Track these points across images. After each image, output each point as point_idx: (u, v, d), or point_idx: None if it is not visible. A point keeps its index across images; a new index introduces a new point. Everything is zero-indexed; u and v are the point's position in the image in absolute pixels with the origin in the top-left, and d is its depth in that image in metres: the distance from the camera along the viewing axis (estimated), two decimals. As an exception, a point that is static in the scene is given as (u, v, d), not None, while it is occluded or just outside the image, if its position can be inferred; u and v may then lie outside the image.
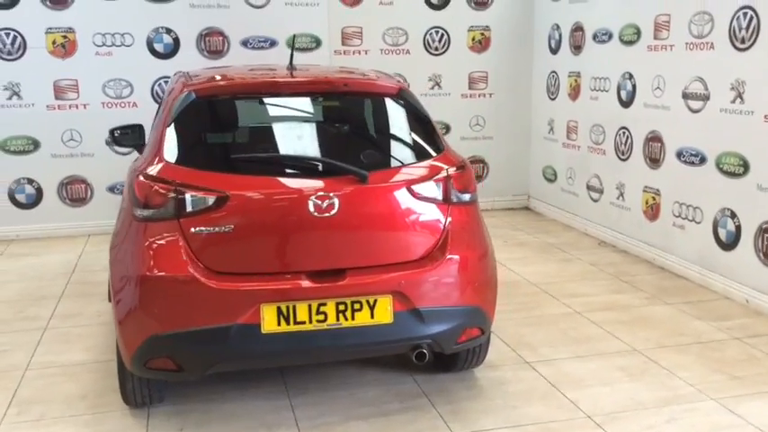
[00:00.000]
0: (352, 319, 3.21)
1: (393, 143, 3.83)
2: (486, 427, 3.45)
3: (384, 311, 3.24)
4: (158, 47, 6.88)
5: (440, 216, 3.41)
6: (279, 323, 3.14)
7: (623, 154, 6.30)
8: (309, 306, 3.17)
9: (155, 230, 3.17)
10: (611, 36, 6.38)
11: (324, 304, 3.18)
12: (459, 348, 3.55)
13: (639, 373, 3.97)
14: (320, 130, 3.78)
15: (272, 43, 7.10)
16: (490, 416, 3.55)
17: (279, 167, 3.39)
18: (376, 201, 3.33)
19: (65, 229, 6.92)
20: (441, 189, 3.43)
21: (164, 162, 3.31)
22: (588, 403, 3.65)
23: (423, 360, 3.38)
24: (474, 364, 3.90)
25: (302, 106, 3.76)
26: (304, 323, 3.17)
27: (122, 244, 3.30)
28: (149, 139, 3.68)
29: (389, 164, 3.58)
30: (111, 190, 6.97)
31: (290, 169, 3.39)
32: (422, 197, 3.38)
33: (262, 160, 3.43)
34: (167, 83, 4.96)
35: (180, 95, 3.53)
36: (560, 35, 7.22)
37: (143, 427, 3.45)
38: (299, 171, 3.38)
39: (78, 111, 6.79)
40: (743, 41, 4.88)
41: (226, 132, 3.69)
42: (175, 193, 3.15)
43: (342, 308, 3.20)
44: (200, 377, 3.33)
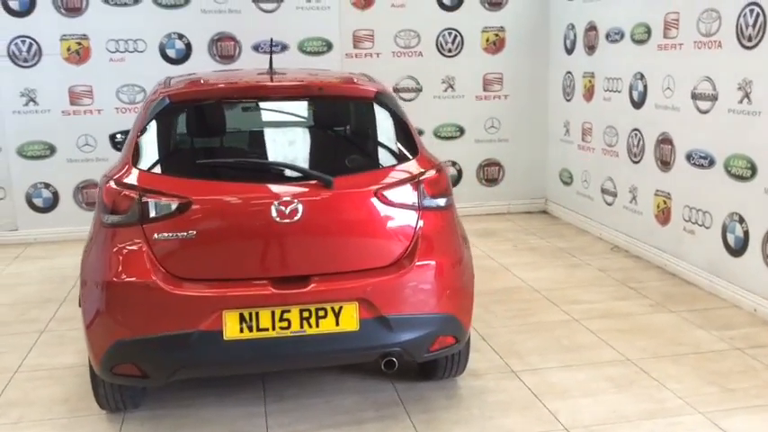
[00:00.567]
0: (317, 326, 3.16)
1: (365, 148, 3.77)
2: (458, 438, 3.38)
3: (349, 319, 3.18)
4: (171, 52, 6.95)
5: (409, 222, 3.33)
6: (241, 330, 3.11)
7: (636, 156, 6.13)
8: (273, 313, 3.13)
9: (120, 236, 3.17)
10: (622, 35, 6.21)
11: (287, 311, 3.14)
12: (431, 357, 3.47)
13: (627, 384, 3.84)
14: (293, 134, 3.75)
15: (284, 47, 7.10)
16: (464, 426, 3.47)
17: (244, 173, 3.37)
18: (341, 206, 3.27)
19: (80, 233, 6.93)
20: (411, 194, 3.35)
21: (132, 168, 3.32)
22: (568, 415, 3.54)
23: (391, 368, 3.32)
24: (455, 372, 3.82)
25: (276, 111, 3.73)
26: (267, 330, 3.13)
27: (91, 249, 3.32)
28: (125, 145, 3.70)
29: (359, 168, 3.50)
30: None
31: (255, 174, 3.36)
32: (390, 202, 3.30)
33: (227, 165, 3.41)
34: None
35: (155, 100, 3.54)
36: (575, 35, 7.06)
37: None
38: (264, 176, 3.34)
39: (93, 116, 6.90)
40: (749, 39, 4.69)
41: (196, 138, 3.67)
42: (139, 199, 3.15)
43: (306, 315, 3.16)
44: (164, 384, 3.33)
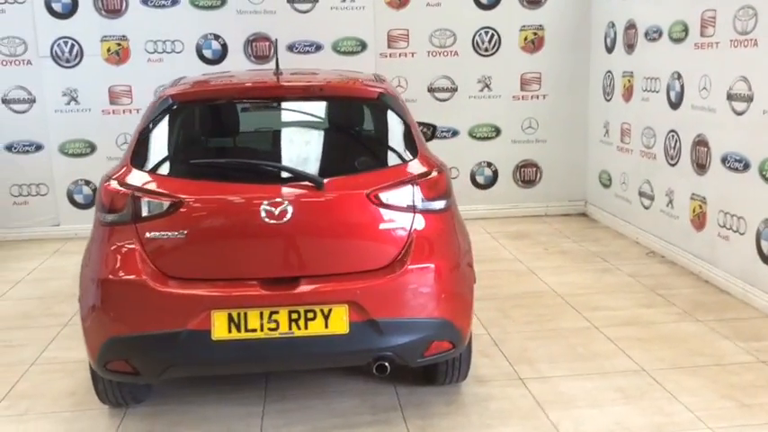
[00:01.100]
0: (306, 328, 3.14)
1: (363, 149, 3.73)
2: (451, 446, 3.31)
3: (339, 321, 3.14)
4: (207, 53, 7.05)
5: (403, 224, 3.27)
6: (229, 330, 3.11)
7: (672, 159, 5.90)
8: (261, 313, 3.12)
9: (114, 234, 3.21)
10: (661, 34, 5.98)
11: (276, 312, 3.12)
12: (427, 362, 3.41)
13: (638, 396, 3.69)
14: (293, 135, 3.73)
15: (318, 47, 7.12)
16: (458, 434, 3.40)
17: (237, 173, 3.37)
18: (332, 208, 3.23)
19: (118, 229, 7.17)
20: (405, 196, 3.28)
21: (131, 167, 3.37)
22: (569, 426, 3.42)
23: (383, 372, 3.27)
24: (456, 378, 3.74)
25: (276, 111, 3.72)
26: (255, 331, 3.12)
27: (90, 247, 3.37)
28: (128, 144, 3.76)
29: (354, 170, 3.46)
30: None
31: (247, 175, 3.35)
32: (383, 204, 3.25)
33: (219, 166, 3.42)
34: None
35: (158, 101, 3.58)
36: (615, 33, 6.85)
37: (113, 427, 3.52)
38: (256, 177, 3.33)
39: (132, 115, 7.02)
40: (785, 37, 4.46)
41: (196, 138, 3.70)
42: (132, 198, 3.19)
43: (294, 316, 3.13)
44: (156, 382, 3.36)
